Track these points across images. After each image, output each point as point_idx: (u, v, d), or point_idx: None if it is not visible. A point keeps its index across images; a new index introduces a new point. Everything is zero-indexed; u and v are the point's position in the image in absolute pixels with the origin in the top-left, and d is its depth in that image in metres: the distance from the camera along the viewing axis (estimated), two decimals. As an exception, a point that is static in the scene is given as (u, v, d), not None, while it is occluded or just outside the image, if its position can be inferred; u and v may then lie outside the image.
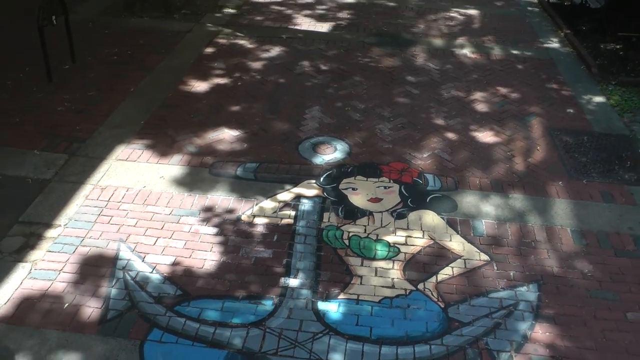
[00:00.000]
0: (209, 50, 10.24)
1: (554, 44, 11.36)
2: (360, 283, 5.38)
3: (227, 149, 7.33)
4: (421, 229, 6.09)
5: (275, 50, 10.32)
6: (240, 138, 7.57)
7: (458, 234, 6.07)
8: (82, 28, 10.24)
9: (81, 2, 11.57)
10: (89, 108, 8.04)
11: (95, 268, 5.38)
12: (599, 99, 9.17)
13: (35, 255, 5.49)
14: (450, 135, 7.91)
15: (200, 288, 5.23)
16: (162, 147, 7.26)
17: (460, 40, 11.28)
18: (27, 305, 4.98)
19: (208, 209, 6.20)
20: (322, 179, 6.83)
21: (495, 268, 5.65)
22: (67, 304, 5.01)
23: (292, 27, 11.48)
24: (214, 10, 12.12)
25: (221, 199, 6.39)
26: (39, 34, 8.28)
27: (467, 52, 10.75)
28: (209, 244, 5.75)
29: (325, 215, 6.23)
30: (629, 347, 4.92)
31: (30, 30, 9.81)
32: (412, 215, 6.29)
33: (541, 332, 5.00)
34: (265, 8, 12.58)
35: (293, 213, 6.23)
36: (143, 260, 5.49)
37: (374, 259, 5.68)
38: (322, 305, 5.15)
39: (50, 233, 5.75)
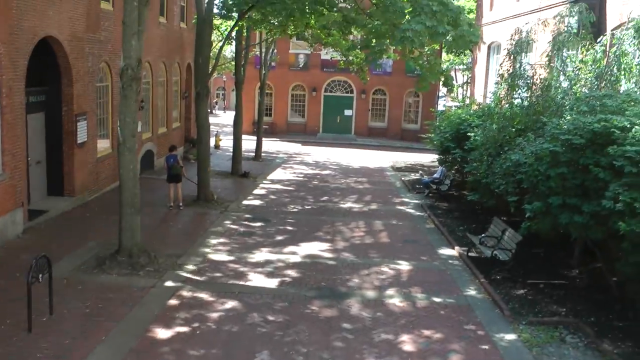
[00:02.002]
0: (172, 302, 11.53)
1: (472, 291, 13.09)
2: None
3: (187, 388, 8.45)
4: None
5: (229, 304, 11.63)
6: (199, 379, 8.71)
7: None
8: (58, 284, 11.45)
9: (57, 260, 12.92)
10: (66, 354, 9.10)
11: None
12: (510, 336, 10.74)
13: None
14: (381, 372, 9.22)
15: None
16: (131, 386, 8.34)
17: (390, 292, 12.85)
18: None
19: None
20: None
21: None
22: None
23: (244, 283, 12.92)
24: (175, 268, 13.54)
25: None
26: (27, 291, 9.58)
27: (395, 301, 12.30)
28: None
29: None
30: None
31: (10, 285, 11.14)
32: None
33: None
34: (222, 266, 14.01)
35: None
36: None
37: None
38: None
39: None
